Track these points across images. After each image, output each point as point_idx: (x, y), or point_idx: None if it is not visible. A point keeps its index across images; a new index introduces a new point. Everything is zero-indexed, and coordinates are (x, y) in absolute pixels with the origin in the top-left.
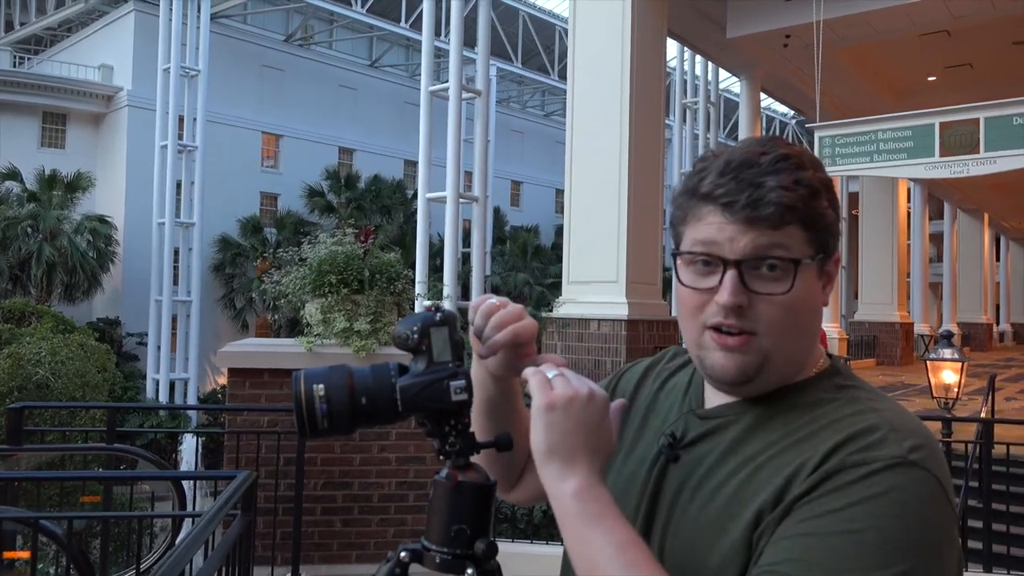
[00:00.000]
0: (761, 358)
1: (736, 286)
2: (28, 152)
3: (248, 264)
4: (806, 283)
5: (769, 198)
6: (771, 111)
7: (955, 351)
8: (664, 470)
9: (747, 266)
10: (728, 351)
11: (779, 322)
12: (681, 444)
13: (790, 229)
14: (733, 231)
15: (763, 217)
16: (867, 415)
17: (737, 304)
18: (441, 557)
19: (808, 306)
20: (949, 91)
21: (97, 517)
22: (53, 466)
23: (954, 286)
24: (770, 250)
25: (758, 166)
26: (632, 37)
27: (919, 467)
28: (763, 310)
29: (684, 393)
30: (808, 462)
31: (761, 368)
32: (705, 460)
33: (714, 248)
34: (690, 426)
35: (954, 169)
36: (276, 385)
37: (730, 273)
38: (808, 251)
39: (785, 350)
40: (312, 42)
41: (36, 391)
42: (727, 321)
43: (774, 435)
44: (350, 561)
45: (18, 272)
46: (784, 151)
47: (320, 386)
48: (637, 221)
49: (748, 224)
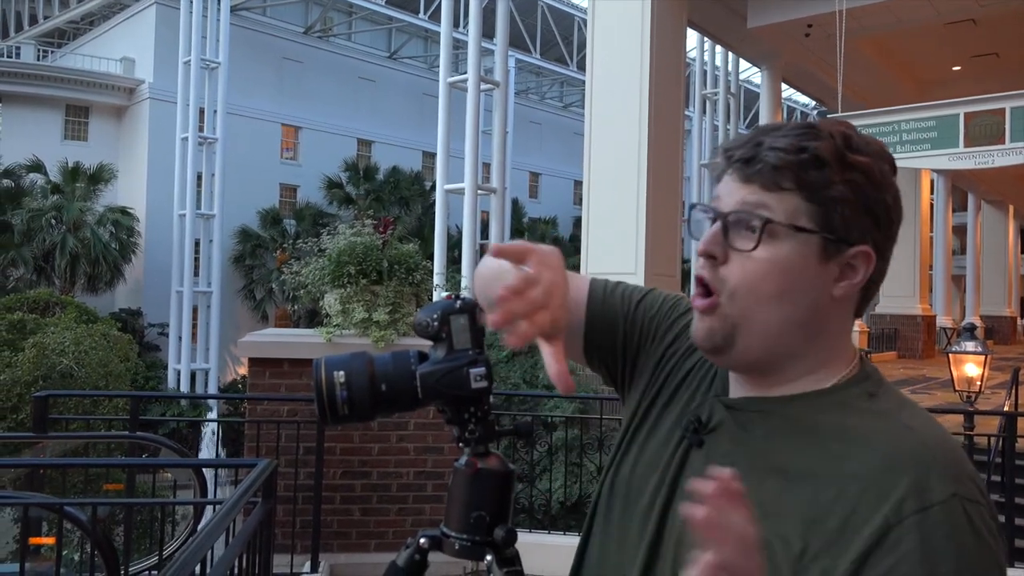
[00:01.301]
0: (727, 326)
1: (715, 234)
2: (52, 144)
3: (268, 255)
4: (790, 254)
5: (762, 155)
6: (792, 101)
7: (978, 344)
8: (687, 455)
9: (735, 223)
10: (699, 313)
11: (743, 283)
12: (706, 430)
13: (787, 196)
14: (733, 187)
15: (754, 173)
16: (902, 436)
17: (709, 252)
18: (461, 544)
19: (791, 283)
20: (974, 81)
21: (121, 504)
22: (77, 454)
23: (977, 279)
24: (755, 208)
25: (778, 131)
26: (652, 28)
27: (970, 501)
28: (732, 267)
29: (712, 375)
30: (845, 496)
31: (730, 337)
32: (730, 455)
33: (716, 202)
34: (715, 412)
35: (979, 160)
36: (296, 375)
37: (715, 224)
38: (804, 223)
39: (757, 323)
40: (331, 34)
41: (60, 380)
42: (700, 273)
43: (804, 446)
44: (369, 550)
45: (42, 263)
46: (817, 124)
47: (341, 373)
48: (656, 212)
49: (743, 180)
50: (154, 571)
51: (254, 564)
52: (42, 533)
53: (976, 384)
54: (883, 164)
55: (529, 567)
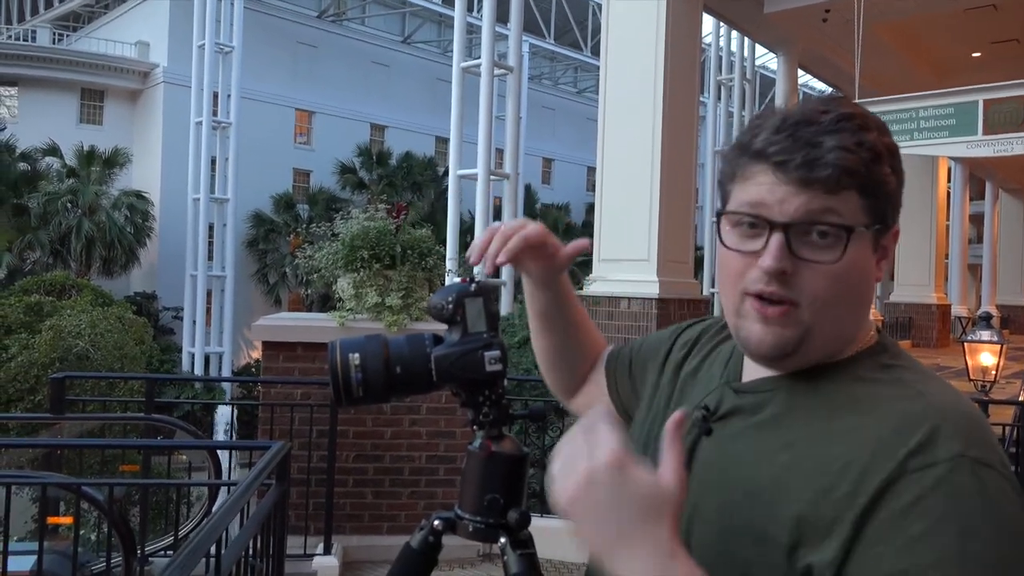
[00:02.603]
0: (801, 331)
1: (782, 250)
2: (67, 128)
3: (281, 240)
4: (858, 254)
5: (827, 159)
6: (808, 88)
7: (994, 333)
8: (695, 443)
9: (796, 231)
10: (766, 322)
11: (824, 294)
12: (715, 417)
13: (847, 195)
14: (784, 192)
15: (819, 179)
16: (914, 400)
17: (781, 269)
18: (474, 526)
19: (858, 279)
20: (994, 68)
21: (137, 485)
22: (93, 435)
23: (994, 268)
24: (823, 215)
25: (818, 124)
26: (667, 13)
27: (981, 463)
28: (808, 279)
29: (724, 365)
30: (855, 462)
31: (801, 343)
32: (740, 438)
33: (762, 210)
34: (725, 399)
35: (998, 147)
36: (309, 358)
37: (776, 236)
38: (864, 220)
39: (829, 325)
40: (345, 18)
41: (76, 362)
42: (768, 288)
43: (813, 419)
44: (381, 532)
45: (58, 246)
46: (848, 110)
47: (356, 355)
48: (669, 199)
49: (802, 185)
50: (169, 551)
51: (268, 545)
52: (60, 513)
53: (991, 373)
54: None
55: (542, 552)
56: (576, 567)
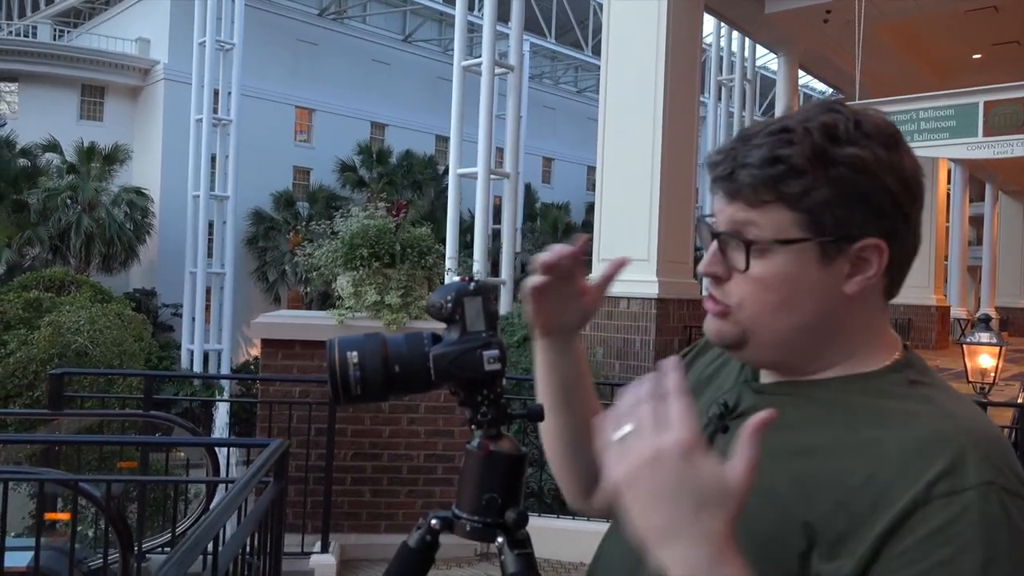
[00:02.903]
0: (739, 329)
1: (713, 256)
2: (68, 124)
3: (281, 237)
4: (785, 265)
5: (738, 175)
6: (809, 88)
7: (993, 335)
8: (711, 439)
9: (724, 239)
10: (711, 316)
11: (745, 298)
12: (733, 414)
13: (772, 208)
14: (720, 204)
15: (738, 192)
16: (942, 421)
17: (710, 273)
18: (472, 525)
19: (793, 291)
20: (994, 69)
21: (134, 481)
22: (92, 431)
23: (993, 270)
24: (743, 226)
25: (753, 139)
26: (668, 13)
27: (1009, 492)
28: (733, 285)
29: (741, 365)
30: (876, 479)
31: (741, 339)
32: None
33: (711, 218)
34: (744, 397)
35: (998, 149)
36: (308, 356)
37: (713, 243)
38: (794, 233)
39: (768, 330)
40: (346, 16)
41: (75, 358)
42: (709, 290)
43: (836, 427)
44: (379, 531)
45: (58, 242)
46: (784, 124)
47: (354, 353)
48: (669, 199)
49: (728, 197)
50: (167, 548)
51: (265, 543)
52: (57, 509)
53: (990, 375)
54: (877, 147)
55: (539, 551)
56: (574, 566)
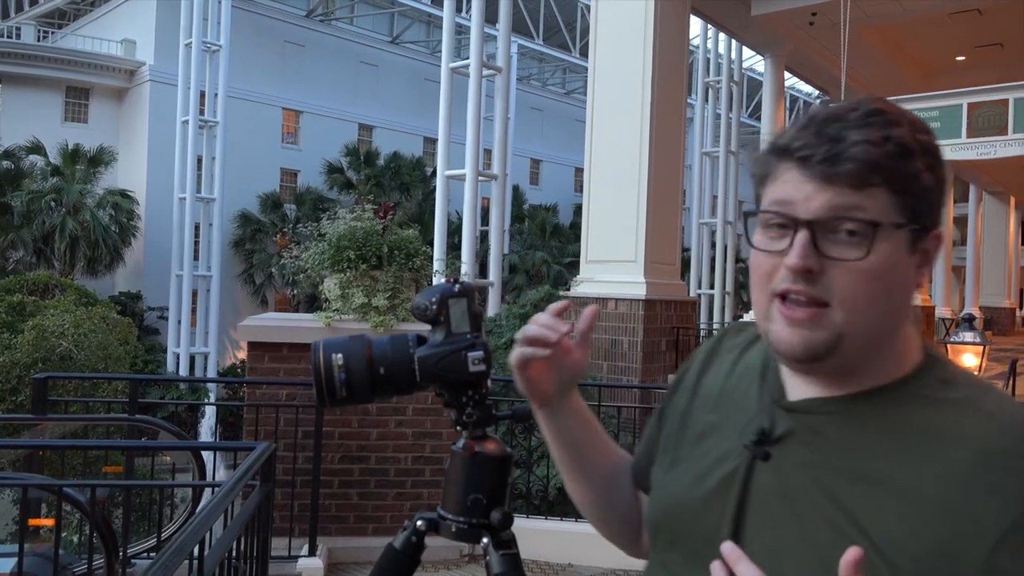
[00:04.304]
0: (833, 334)
1: (806, 247)
2: (52, 126)
3: (268, 240)
4: (891, 253)
5: (850, 153)
6: (795, 90)
7: (977, 334)
8: (751, 469)
9: (822, 228)
10: (793, 324)
11: (855, 293)
12: (771, 440)
13: (875, 191)
14: (809, 189)
15: (842, 174)
16: (988, 423)
17: (805, 267)
18: (457, 526)
19: (894, 281)
20: (978, 71)
21: (119, 486)
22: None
23: (977, 270)
24: (849, 211)
25: (844, 120)
26: (655, 15)
27: None
28: (837, 278)
29: (760, 378)
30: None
31: (833, 346)
32: (808, 465)
33: (787, 207)
34: (778, 420)
35: (981, 151)
36: (295, 359)
37: (801, 233)
38: (895, 218)
39: (864, 329)
40: (333, 17)
41: (59, 363)
42: (795, 287)
43: (888, 447)
44: (367, 534)
45: (42, 245)
46: (877, 106)
47: (339, 355)
48: (656, 200)
49: (826, 181)
50: (152, 553)
51: (252, 547)
52: (41, 514)
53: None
54: (936, 140)
55: (525, 552)
56: (561, 567)
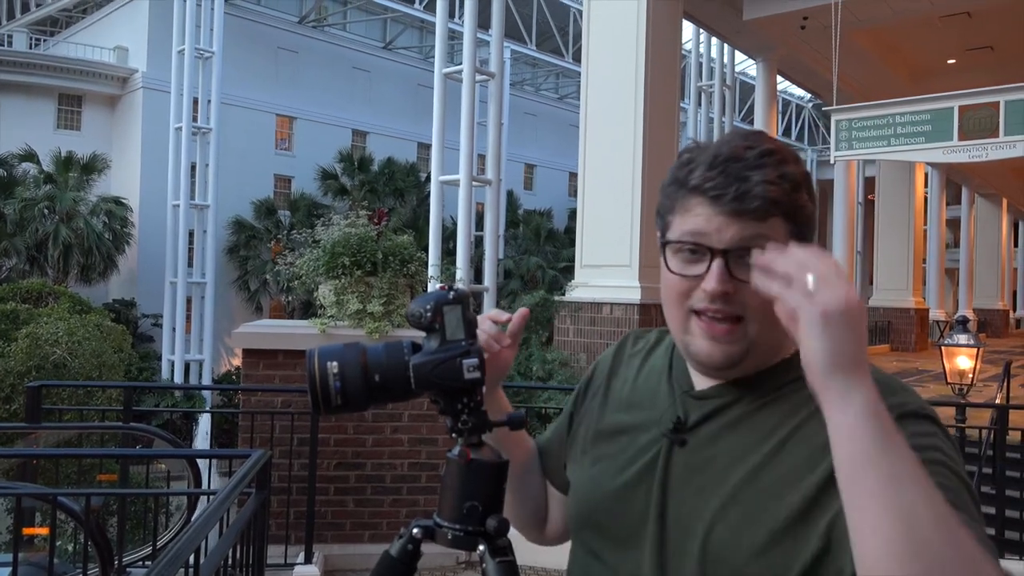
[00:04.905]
0: (747, 345)
1: (722, 274)
2: (44, 134)
3: (262, 246)
4: None
5: (755, 192)
6: (787, 94)
7: (971, 337)
8: (670, 455)
9: (733, 255)
10: (715, 339)
11: (763, 307)
12: (686, 427)
13: (774, 221)
14: (720, 222)
15: (749, 210)
16: None
17: (722, 291)
18: (453, 534)
19: None
20: (969, 74)
21: (114, 495)
22: (70, 444)
23: (971, 272)
24: (755, 240)
25: (744, 160)
26: (647, 20)
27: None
28: (749, 296)
29: (667, 376)
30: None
31: (747, 354)
32: (719, 440)
33: (702, 238)
34: (690, 408)
35: (973, 153)
36: (290, 366)
37: (717, 262)
38: (789, 241)
39: (769, 336)
40: (326, 24)
41: (53, 371)
42: (712, 306)
43: (784, 409)
44: (363, 541)
45: (35, 253)
46: (768, 146)
47: (334, 363)
48: (651, 205)
49: (734, 216)
50: (148, 562)
51: (248, 555)
52: (36, 523)
53: (968, 377)
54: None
55: (521, 559)
56: (558, 573)
